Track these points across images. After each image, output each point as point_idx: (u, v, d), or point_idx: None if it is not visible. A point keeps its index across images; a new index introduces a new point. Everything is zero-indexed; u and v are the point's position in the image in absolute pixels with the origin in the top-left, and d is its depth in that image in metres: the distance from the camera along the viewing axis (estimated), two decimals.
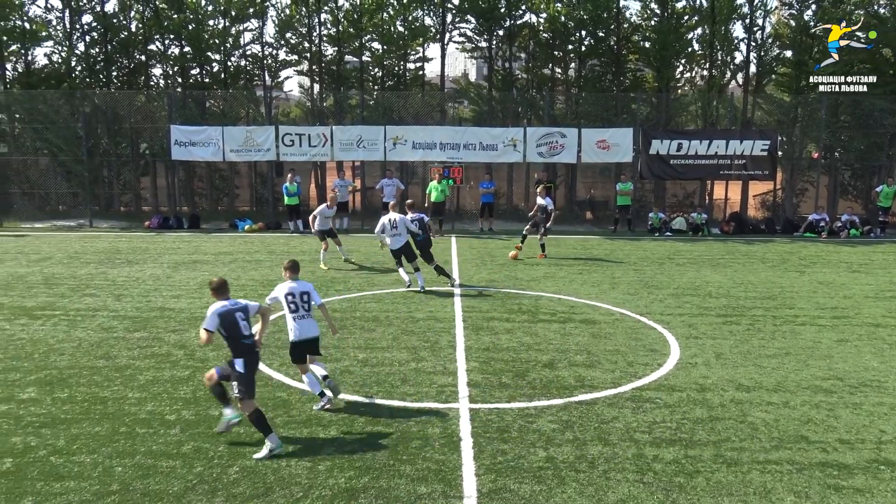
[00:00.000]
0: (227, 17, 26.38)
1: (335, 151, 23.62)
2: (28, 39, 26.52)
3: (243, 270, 16.24)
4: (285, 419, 7.96)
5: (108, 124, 25.65)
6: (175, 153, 23.84)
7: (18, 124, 26.56)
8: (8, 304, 12.98)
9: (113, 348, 10.46)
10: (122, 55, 27.30)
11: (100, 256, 18.04)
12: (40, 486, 6.48)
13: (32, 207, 25.89)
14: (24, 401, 8.46)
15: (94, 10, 26.60)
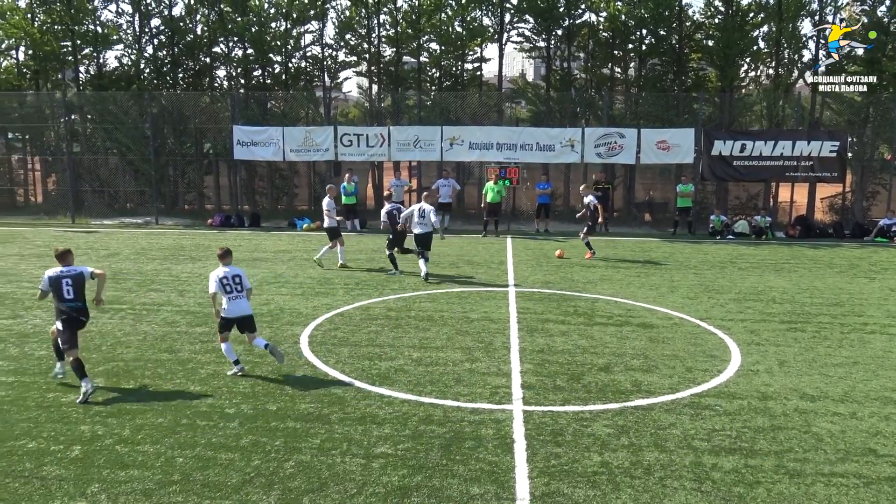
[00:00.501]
0: (289, 19, 26.88)
1: (392, 151, 23.83)
2: (100, 43, 27.58)
3: (301, 268, 16.52)
4: (340, 415, 8.05)
5: (174, 125, 26.46)
6: (237, 153, 24.43)
7: (90, 125, 27.66)
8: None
9: (176, 342, 10.78)
10: (188, 57, 28.12)
11: (165, 253, 18.62)
12: (106, 474, 6.72)
13: (102, 205, 26.90)
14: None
15: (163, 13, 27.48)
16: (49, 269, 8.86)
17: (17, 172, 29.53)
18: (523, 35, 27.56)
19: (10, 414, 8.07)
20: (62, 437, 7.50)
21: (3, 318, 12.13)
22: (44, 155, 28.80)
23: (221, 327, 9.44)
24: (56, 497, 6.31)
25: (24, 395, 8.63)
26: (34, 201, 28.77)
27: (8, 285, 14.61)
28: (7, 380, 9.16)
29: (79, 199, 26.17)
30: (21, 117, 27.32)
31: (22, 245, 19.86)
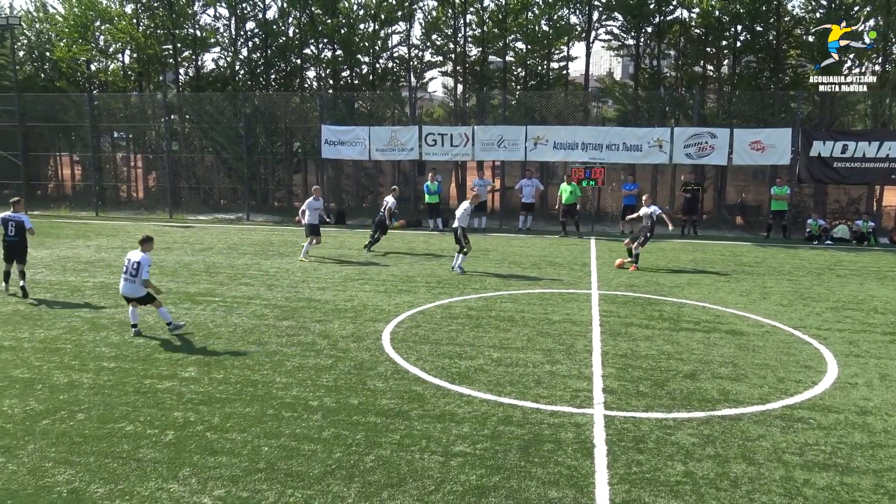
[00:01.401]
0: (377, 20, 27.32)
1: (476, 151, 23.87)
2: (199, 46, 28.81)
3: (384, 266, 16.76)
4: (420, 412, 8.12)
5: (266, 124, 27.35)
6: (325, 152, 25.04)
7: (188, 124, 28.95)
8: (175, 290, 14.15)
9: (264, 335, 11.13)
10: (280, 59, 29.01)
11: (255, 248, 19.28)
12: (197, 459, 7.01)
13: (198, 201, 28.11)
14: (185, 379, 9.18)
15: (257, 17, 28.44)
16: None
17: (122, 170, 31.23)
18: (612, 33, 27.08)
19: (110, 398, 8.54)
20: (157, 421, 7.87)
21: (108, 307, 12.84)
22: (145, 153, 30.35)
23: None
24: (151, 478, 6.63)
25: (124, 381, 9.11)
26: (136, 197, 30.35)
27: (111, 276, 15.46)
28: (109, 365, 9.69)
29: (176, 196, 27.40)
30: (125, 117, 28.86)
31: (124, 238, 20.98)
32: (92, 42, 28.87)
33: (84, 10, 28.12)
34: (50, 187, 31.38)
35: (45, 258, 17.71)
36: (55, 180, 31.76)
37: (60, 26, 29.28)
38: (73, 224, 24.23)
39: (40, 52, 30.74)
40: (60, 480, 6.58)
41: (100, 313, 12.38)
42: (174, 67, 29.62)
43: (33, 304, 13.00)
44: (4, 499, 6.27)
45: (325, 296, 13.70)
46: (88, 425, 7.76)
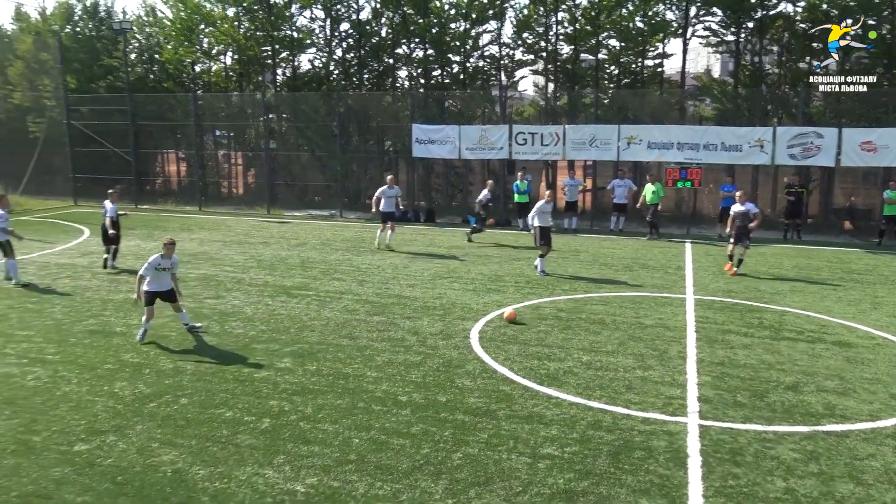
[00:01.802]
0: (468, 19, 27.40)
1: (567, 150, 23.57)
2: (296, 47, 29.70)
3: (473, 264, 16.79)
4: (508, 413, 8.10)
5: (359, 123, 27.90)
6: (415, 150, 25.32)
7: (285, 123, 29.88)
8: (272, 283, 14.65)
9: (355, 329, 11.36)
10: (372, 59, 29.53)
11: (347, 244, 19.71)
12: (290, 447, 7.22)
13: (293, 198, 29.00)
14: (280, 369, 9.49)
15: (351, 18, 29.05)
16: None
17: (223, 166, 32.57)
18: (710, 29, 26.14)
19: (211, 384, 8.93)
20: (254, 409, 8.17)
21: (208, 297, 13.42)
22: (245, 151, 31.54)
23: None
24: (248, 463, 6.88)
25: (224, 369, 9.50)
26: (236, 193, 31.59)
27: (212, 268, 16.15)
28: (210, 353, 10.13)
29: (273, 192, 28.34)
30: (227, 116, 30.08)
31: (225, 232, 21.87)
32: (197, 44, 30.23)
33: (190, 14, 29.48)
34: (158, 183, 33.07)
35: (154, 250, 18.65)
36: (162, 176, 33.46)
37: (168, 30, 30.79)
38: (178, 218, 25.46)
39: (150, 55, 32.43)
40: (165, 461, 6.93)
41: (202, 303, 12.95)
42: (272, 68, 30.64)
43: None
44: (115, 475, 6.65)
45: (414, 293, 13.85)
46: (191, 409, 8.14)
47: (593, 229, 23.03)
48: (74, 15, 32.98)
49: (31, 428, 7.65)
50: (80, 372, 9.38)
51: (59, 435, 7.48)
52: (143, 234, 21.28)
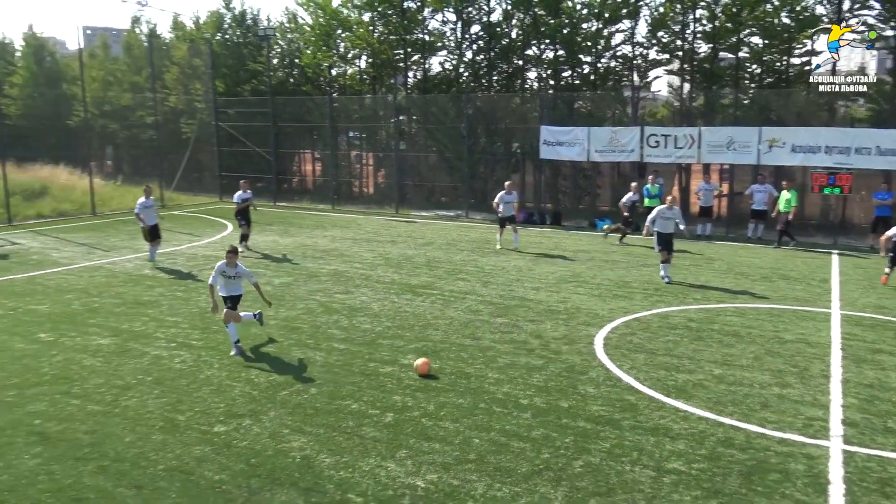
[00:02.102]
0: (601, 19, 26.86)
1: (702, 154, 22.60)
2: (427, 50, 30.28)
3: (599, 269, 16.45)
4: (632, 423, 7.86)
5: (487, 124, 28.05)
6: (543, 152, 25.13)
7: (415, 125, 30.54)
8: (398, 281, 15.01)
9: (478, 330, 11.42)
10: (502, 61, 29.58)
11: (472, 245, 19.87)
12: (412, 442, 7.36)
13: (421, 198, 29.59)
14: (404, 366, 9.69)
15: (482, 20, 29.25)
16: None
17: (355, 166, 33.76)
18: (865, 23, 24.20)
19: (339, 377, 9.25)
20: (379, 403, 8.39)
21: (338, 293, 13.93)
22: (376, 152, 32.52)
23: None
24: (371, 455, 7.07)
25: (351, 362, 9.82)
26: (367, 192, 32.63)
27: (343, 265, 16.76)
28: (339, 347, 10.51)
29: (402, 192, 29.04)
30: (360, 118, 31.14)
31: (355, 230, 22.65)
32: (334, 49, 31.49)
33: (328, 20, 30.76)
34: (294, 182, 34.74)
35: (289, 245, 19.61)
36: (299, 175, 35.12)
37: (308, 35, 32.28)
38: (312, 215, 26.63)
39: (290, 60, 34.13)
40: (295, 447, 7.25)
41: (332, 298, 13.46)
42: (404, 71, 31.41)
43: (283, 286, 14.45)
44: (249, 457, 7.03)
45: (538, 296, 13.75)
46: (320, 399, 8.47)
47: (729, 236, 21.96)
48: (224, 23, 35.27)
49: (177, 407, 8.24)
50: (220, 358, 10.00)
51: (200, 416, 8.01)
52: (279, 231, 22.41)
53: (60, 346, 10.53)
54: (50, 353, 10.19)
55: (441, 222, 25.10)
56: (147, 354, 10.11)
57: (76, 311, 12.45)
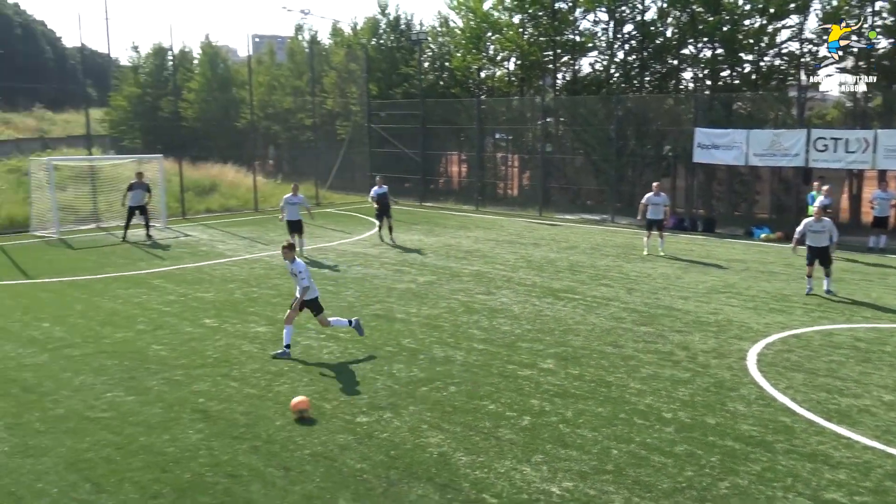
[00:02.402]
0: (765, 14, 25.28)
1: (878, 159, 20.69)
2: (577, 51, 29.86)
3: (754, 280, 15.50)
4: (786, 447, 7.33)
5: (637, 126, 27.24)
6: (696, 156, 24.04)
7: (562, 126, 30.22)
8: (540, 284, 14.91)
9: (621, 338, 11.11)
10: (655, 61, 28.59)
11: (617, 250, 19.37)
12: (549, 448, 7.28)
13: (566, 201, 29.23)
14: (543, 370, 9.61)
15: (635, 19, 28.42)
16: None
17: (500, 168, 33.94)
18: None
19: (477, 377, 9.33)
20: (516, 405, 8.37)
21: (480, 293, 14.05)
22: (522, 154, 32.50)
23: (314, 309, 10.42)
24: (507, 457, 7.07)
25: (490, 363, 9.88)
26: (511, 194, 32.70)
27: (485, 266, 16.89)
28: (478, 347, 10.60)
29: (546, 195, 28.84)
30: (507, 120, 31.26)
31: (498, 232, 22.76)
32: (483, 51, 31.81)
33: (479, 23, 31.11)
34: (440, 182, 35.46)
35: (434, 244, 20.04)
36: (445, 176, 35.81)
37: (458, 38, 32.83)
38: (456, 216, 27.06)
39: (441, 63, 34.86)
40: (433, 442, 7.38)
41: (474, 298, 13.60)
42: (553, 72, 31.16)
43: (427, 284, 14.80)
44: (389, 448, 7.25)
45: (687, 306, 13.17)
46: (458, 398, 8.58)
47: None
48: (379, 28, 36.62)
49: (324, 396, 8.64)
50: (365, 351, 10.38)
51: (345, 405, 8.36)
52: (424, 230, 22.96)
53: (223, 331, 11.36)
54: (214, 337, 11.03)
55: (585, 226, 24.68)
56: (299, 344, 10.69)
57: (238, 300, 13.39)
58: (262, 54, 45.06)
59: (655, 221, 18.46)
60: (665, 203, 18.63)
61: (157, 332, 11.30)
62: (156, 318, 12.06)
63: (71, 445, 7.26)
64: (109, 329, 11.41)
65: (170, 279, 15.25)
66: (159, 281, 15.05)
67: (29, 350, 10.36)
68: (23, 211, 23.02)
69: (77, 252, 18.74)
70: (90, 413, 8.08)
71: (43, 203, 21.95)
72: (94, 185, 24.15)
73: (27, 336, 11.04)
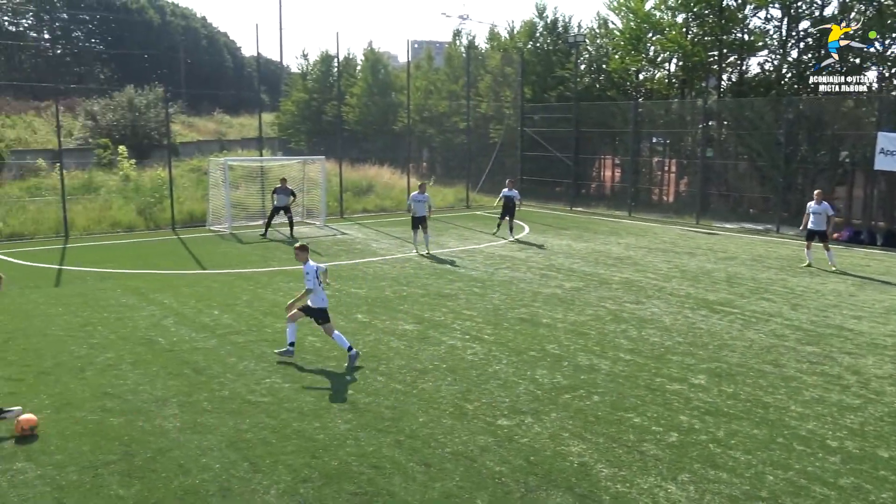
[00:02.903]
0: None
1: None
2: (745, 50, 28.20)
3: None
4: None
5: (810, 131, 25.30)
6: (879, 162, 21.94)
7: (725, 130, 28.66)
8: (694, 295, 14.24)
9: (782, 357, 10.36)
10: None
11: (782, 263, 18.11)
12: (696, 467, 6.92)
13: (726, 208, 27.72)
14: (694, 385, 9.16)
15: (813, 15, 26.40)
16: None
17: (656, 173, 32.77)
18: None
19: (623, 387, 9.05)
20: (663, 420, 8.03)
21: (629, 302, 13.64)
22: (680, 158, 31.19)
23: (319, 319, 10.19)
24: (650, 473, 6.80)
25: (636, 374, 9.55)
26: (666, 200, 31.49)
27: (636, 274, 16.37)
28: (625, 357, 10.29)
29: (705, 202, 27.48)
30: (665, 123, 30.11)
31: (651, 239, 21.98)
32: (643, 53, 30.85)
33: (639, 23, 30.20)
34: (592, 187, 34.81)
35: (582, 250, 19.71)
36: (597, 181, 35.10)
37: (617, 40, 32.05)
38: (607, 222, 26.45)
39: (597, 65, 34.21)
40: (573, 451, 7.25)
41: (622, 307, 13.22)
42: (717, 73, 29.64)
43: (574, 290, 14.60)
44: (529, 454, 7.20)
45: (860, 326, 12.05)
46: (601, 408, 8.37)
47: None
48: (536, 31, 36.55)
49: (466, 397, 8.74)
50: (508, 354, 10.39)
51: (486, 407, 8.40)
52: (573, 235, 22.63)
53: (373, 327, 11.81)
54: (364, 332, 11.48)
55: (747, 236, 23.25)
56: (444, 343, 10.89)
57: (388, 298, 13.86)
58: (421, 59, 46.44)
59: (816, 232, 17.08)
60: (827, 212, 17.16)
61: (312, 324, 11.93)
62: None
63: (233, 425, 7.83)
64: (271, 319, 12.20)
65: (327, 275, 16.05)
66: None
67: (201, 335, 11.29)
68: (200, 207, 25.17)
69: (246, 246, 20.21)
70: (251, 397, 8.68)
71: (218, 200, 23.88)
72: (262, 184, 25.95)
73: (200, 322, 12.05)
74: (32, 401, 8.43)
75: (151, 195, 25.18)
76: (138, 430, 7.66)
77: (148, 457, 7.05)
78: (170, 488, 6.47)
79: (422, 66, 44.37)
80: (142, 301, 13.44)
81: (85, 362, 9.89)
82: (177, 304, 13.26)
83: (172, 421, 7.93)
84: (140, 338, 11.08)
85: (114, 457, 7.05)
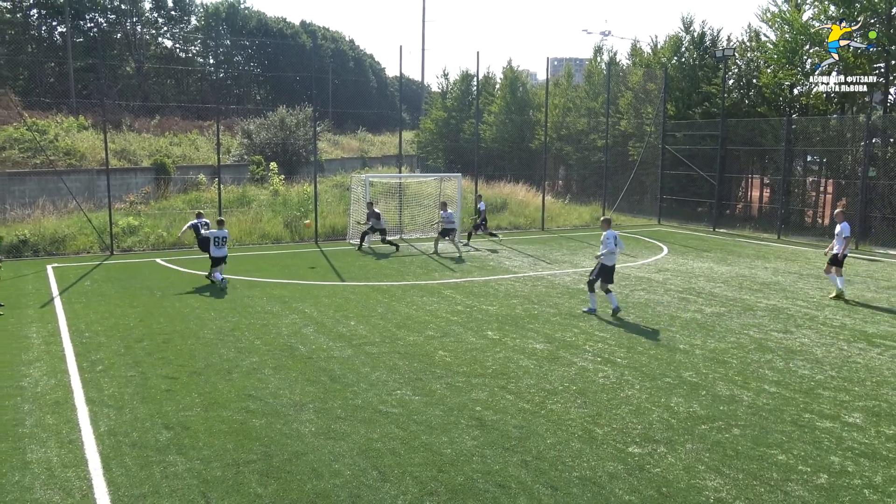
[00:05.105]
0: None
1: None
2: None
3: None
4: None
5: None
6: None
7: (890, 149, 26.36)
8: (850, 326, 13.14)
9: None
10: None
11: None
12: None
13: (890, 232, 25.43)
14: (848, 424, 8.42)
15: None
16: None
17: (810, 194, 30.60)
18: None
19: (767, 422, 8.47)
20: (811, 459, 7.44)
21: (775, 331, 12.79)
22: (837, 178, 28.98)
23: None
24: None
25: (782, 408, 8.92)
26: (821, 223, 29.33)
27: (784, 301, 15.34)
28: (769, 389, 9.64)
29: (866, 225, 25.37)
30: (821, 141, 28.09)
31: (802, 264, 20.53)
32: (798, 66, 29.01)
33: (795, 35, 28.45)
34: (738, 207, 33.06)
35: (725, 274, 18.73)
36: (743, 201, 33.29)
37: (769, 53, 30.34)
38: (753, 245, 25.00)
39: (747, 80, 32.52)
40: (709, 486, 6.86)
41: (767, 335, 12.42)
42: (884, 87, 27.34)
43: (714, 315, 13.91)
44: (661, 485, 6.88)
45: None
46: (742, 442, 7.88)
47: None
48: (682, 46, 35.36)
49: (596, 420, 8.51)
50: (642, 379, 10.02)
51: (617, 433, 8.13)
52: (716, 258, 21.57)
53: (503, 344, 11.78)
54: (494, 349, 11.49)
55: None
56: (574, 364, 10.68)
57: (518, 315, 13.80)
58: (560, 76, 46.20)
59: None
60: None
61: (444, 338, 12.09)
62: (443, 326, 12.92)
63: (364, 434, 8.05)
64: (404, 332, 12.48)
65: (459, 290, 16.24)
66: (450, 291, 16.11)
67: (338, 344, 11.74)
68: (342, 221, 26.25)
69: (382, 260, 20.85)
70: (382, 407, 8.90)
71: (359, 214, 24.82)
72: (400, 200, 26.70)
73: (337, 332, 12.53)
74: (185, 398, 9.10)
75: (298, 209, 26.61)
76: (277, 433, 8.05)
77: (285, 458, 7.40)
78: (303, 490, 6.74)
79: (561, 84, 44.11)
80: (285, 309, 14.19)
81: (232, 365, 10.56)
82: (317, 313, 13.88)
83: (308, 426, 8.27)
84: (282, 344, 11.69)
85: (254, 456, 7.46)
